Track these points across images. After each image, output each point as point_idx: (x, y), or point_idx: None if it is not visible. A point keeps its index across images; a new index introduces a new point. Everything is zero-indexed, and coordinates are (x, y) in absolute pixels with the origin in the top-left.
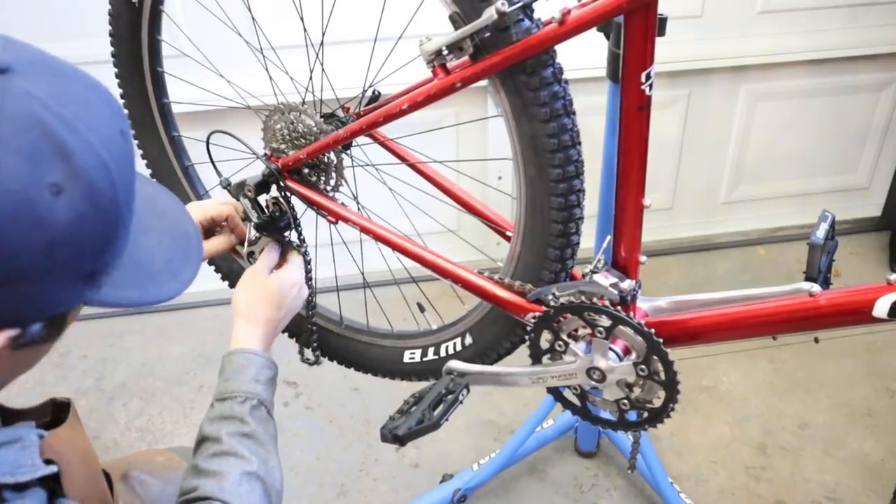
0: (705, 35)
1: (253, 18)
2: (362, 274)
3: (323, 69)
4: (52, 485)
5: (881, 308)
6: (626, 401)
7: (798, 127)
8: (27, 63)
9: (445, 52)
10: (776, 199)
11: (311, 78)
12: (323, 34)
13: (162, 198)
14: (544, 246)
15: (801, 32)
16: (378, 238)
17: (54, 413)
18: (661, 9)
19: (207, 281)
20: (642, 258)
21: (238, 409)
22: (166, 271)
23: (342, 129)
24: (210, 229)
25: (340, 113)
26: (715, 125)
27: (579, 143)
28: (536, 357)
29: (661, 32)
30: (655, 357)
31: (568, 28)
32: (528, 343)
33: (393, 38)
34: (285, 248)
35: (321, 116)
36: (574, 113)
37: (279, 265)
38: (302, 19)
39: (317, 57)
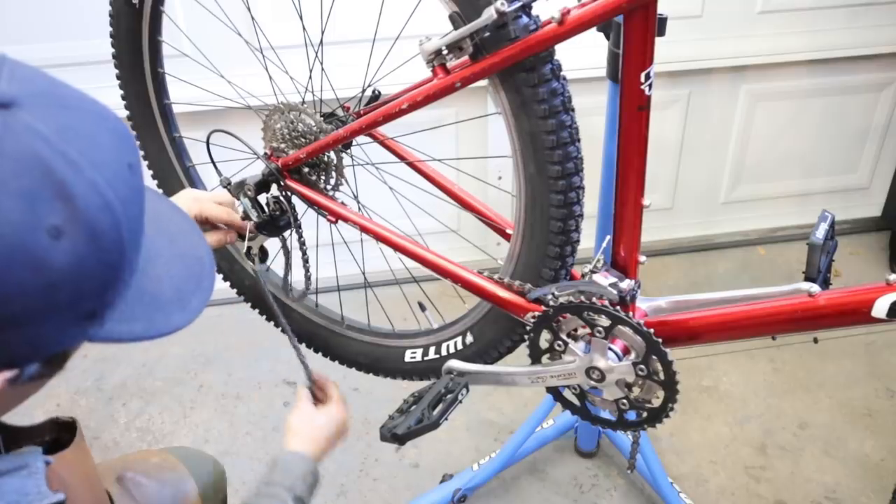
0: (705, 35)
1: (253, 18)
2: (363, 273)
3: (323, 69)
4: None
5: (880, 308)
6: (625, 400)
7: (798, 127)
8: (32, 95)
9: (445, 52)
10: (776, 199)
11: (310, 77)
12: (322, 34)
13: (174, 218)
14: (544, 244)
15: (801, 32)
16: (378, 238)
17: (58, 432)
18: (661, 9)
19: None
20: (642, 258)
21: (282, 493)
22: (176, 301)
23: (342, 129)
24: (203, 223)
25: (340, 112)
26: (715, 125)
27: (578, 140)
28: (536, 357)
29: (661, 32)
30: (655, 357)
31: (567, 28)
32: (527, 343)
33: (392, 37)
34: (325, 386)
35: (321, 116)
36: (573, 109)
37: (321, 399)
38: (301, 19)
39: (316, 56)
